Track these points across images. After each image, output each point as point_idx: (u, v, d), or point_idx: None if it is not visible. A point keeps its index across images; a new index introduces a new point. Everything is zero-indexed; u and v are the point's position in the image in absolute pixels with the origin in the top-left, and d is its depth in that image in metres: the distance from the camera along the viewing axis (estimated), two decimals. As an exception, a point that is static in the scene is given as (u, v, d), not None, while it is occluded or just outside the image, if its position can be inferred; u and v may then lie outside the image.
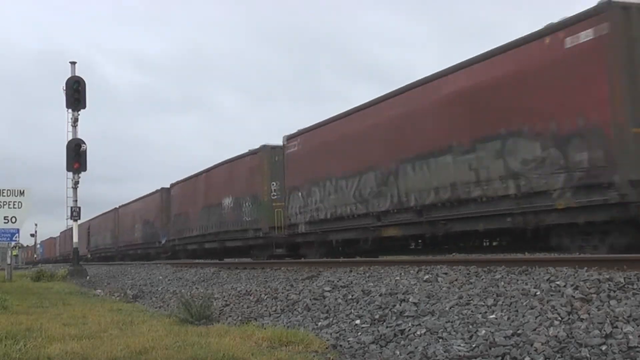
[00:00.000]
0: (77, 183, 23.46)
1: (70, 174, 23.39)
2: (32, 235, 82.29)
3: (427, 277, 8.22)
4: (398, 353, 5.27)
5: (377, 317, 6.51)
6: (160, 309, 10.00)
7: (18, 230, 20.11)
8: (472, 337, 5.18)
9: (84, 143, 23.07)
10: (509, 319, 5.46)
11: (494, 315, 5.67)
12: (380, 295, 7.30)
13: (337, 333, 6.31)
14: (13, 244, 21.66)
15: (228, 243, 24.44)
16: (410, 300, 6.73)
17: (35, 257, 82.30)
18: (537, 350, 4.57)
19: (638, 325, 4.68)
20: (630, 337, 4.47)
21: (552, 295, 5.84)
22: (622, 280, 5.90)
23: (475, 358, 4.74)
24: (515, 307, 5.77)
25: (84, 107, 23.20)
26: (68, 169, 23.24)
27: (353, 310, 7.05)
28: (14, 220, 19.53)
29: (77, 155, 22.96)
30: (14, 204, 19.42)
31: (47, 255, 75.72)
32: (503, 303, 5.99)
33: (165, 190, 33.19)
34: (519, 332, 5.00)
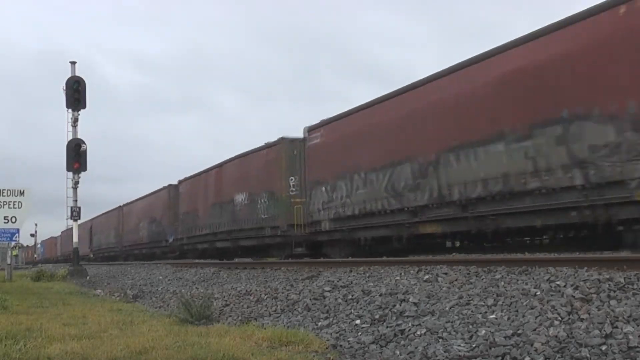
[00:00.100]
0: (77, 183, 23.46)
1: (70, 174, 23.40)
2: (32, 235, 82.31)
3: (427, 277, 8.23)
4: (398, 353, 5.27)
5: (377, 317, 6.51)
6: (160, 309, 10.00)
7: (18, 230, 20.10)
8: (472, 337, 5.18)
9: (84, 143, 23.08)
10: (509, 319, 5.46)
11: (494, 315, 5.67)
12: (380, 295, 7.30)
13: (337, 333, 6.31)
14: (13, 244, 21.65)
15: (242, 242, 23.32)
16: (410, 300, 6.74)
17: (35, 257, 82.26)
18: (537, 350, 4.57)
19: (638, 325, 4.68)
20: (630, 337, 4.47)
21: (552, 295, 5.84)
22: (622, 280, 5.90)
23: (475, 358, 4.74)
24: (515, 307, 5.77)
25: (84, 107, 23.21)
26: (68, 169, 23.25)
27: (353, 310, 7.05)
28: (14, 220, 19.52)
29: (77, 155, 22.96)
30: (14, 204, 19.41)
31: (47, 255, 74.96)
32: (503, 303, 5.99)
33: (173, 187, 31.97)
34: (519, 332, 5.00)
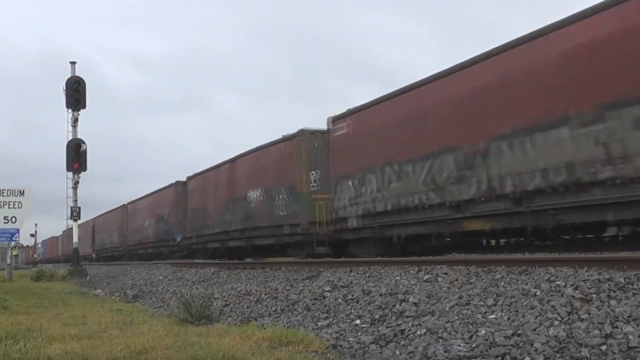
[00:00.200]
0: (77, 183, 23.47)
1: (70, 174, 23.41)
2: (32, 235, 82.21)
3: (427, 277, 8.23)
4: (398, 353, 5.27)
5: (377, 317, 6.51)
6: (160, 309, 10.00)
7: (18, 230, 20.11)
8: (472, 337, 5.18)
9: (84, 143, 23.09)
10: (509, 319, 5.46)
11: (494, 315, 5.67)
12: (380, 295, 7.30)
13: (337, 333, 6.31)
14: (13, 244, 21.65)
15: (257, 241, 22.09)
16: (410, 300, 6.74)
17: (35, 257, 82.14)
18: (537, 350, 4.57)
19: (638, 325, 4.68)
20: (630, 337, 4.47)
21: (552, 295, 5.84)
22: (622, 280, 5.90)
23: (475, 358, 4.74)
24: (515, 307, 5.77)
25: (84, 107, 23.22)
26: (68, 169, 23.25)
27: (353, 310, 7.05)
28: (14, 220, 19.52)
29: (77, 155, 22.96)
30: (14, 204, 19.41)
31: (48, 255, 74.24)
32: (503, 303, 5.99)
33: (181, 184, 30.78)
34: (519, 332, 5.00)
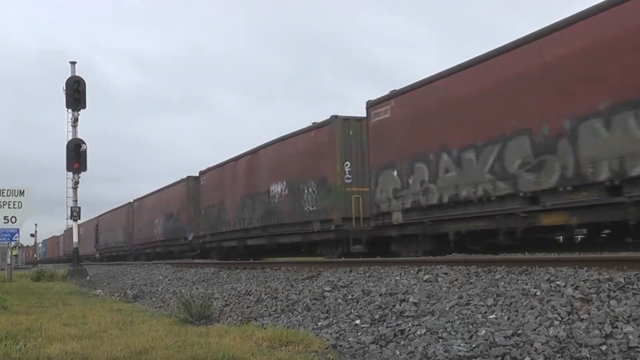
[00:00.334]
0: (77, 183, 23.48)
1: (70, 174, 23.43)
2: (32, 235, 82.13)
3: (427, 277, 8.23)
4: (398, 353, 5.27)
5: (377, 317, 6.51)
6: (160, 309, 10.00)
7: (18, 230, 20.13)
8: (472, 337, 5.19)
9: (84, 143, 23.10)
10: (509, 319, 5.46)
11: (494, 315, 5.67)
12: (380, 295, 7.30)
13: (337, 333, 6.31)
14: (13, 244, 21.67)
15: (281, 239, 20.32)
16: (410, 300, 6.74)
17: (35, 257, 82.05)
18: (537, 350, 4.57)
19: (638, 325, 4.68)
20: (630, 337, 4.47)
21: (552, 295, 5.84)
22: (622, 280, 5.90)
23: (475, 358, 4.74)
24: (515, 307, 5.77)
25: (84, 107, 23.24)
26: (68, 169, 23.27)
27: (353, 310, 7.05)
28: (14, 220, 19.54)
29: (77, 155, 22.97)
30: (14, 204, 19.43)
31: (50, 255, 73.18)
32: (503, 303, 5.99)
33: (193, 179, 29.05)
34: (519, 332, 5.00)
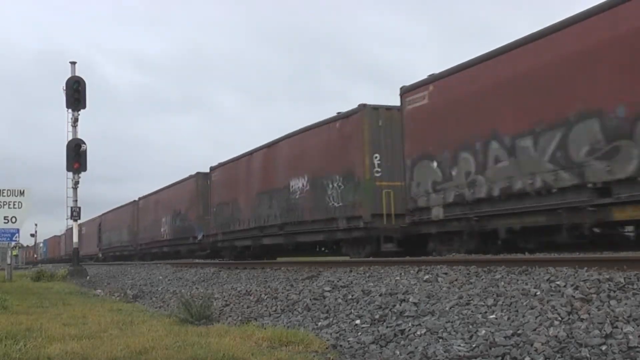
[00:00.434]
0: (77, 183, 23.48)
1: (70, 174, 23.42)
2: (32, 235, 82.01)
3: (427, 277, 8.23)
4: (398, 353, 5.27)
5: (377, 317, 6.51)
6: (160, 309, 10.00)
7: (18, 230, 20.13)
8: (472, 337, 5.19)
9: (84, 143, 23.10)
10: (509, 319, 5.46)
11: (494, 315, 5.67)
12: (380, 295, 7.30)
13: (337, 333, 6.31)
14: (13, 244, 21.67)
15: (300, 237, 19.02)
16: (410, 300, 6.74)
17: (35, 256, 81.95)
18: (537, 350, 4.57)
19: (638, 325, 4.68)
20: (630, 337, 4.47)
21: (552, 295, 5.84)
22: (622, 280, 5.90)
23: (475, 358, 4.74)
24: (515, 307, 5.77)
25: (84, 107, 23.23)
26: (68, 169, 23.26)
27: (353, 310, 7.05)
28: (14, 220, 19.54)
29: (77, 155, 22.97)
30: (14, 204, 19.43)
31: (51, 255, 72.28)
32: (503, 303, 5.99)
33: (202, 176, 27.94)
34: (519, 332, 5.00)
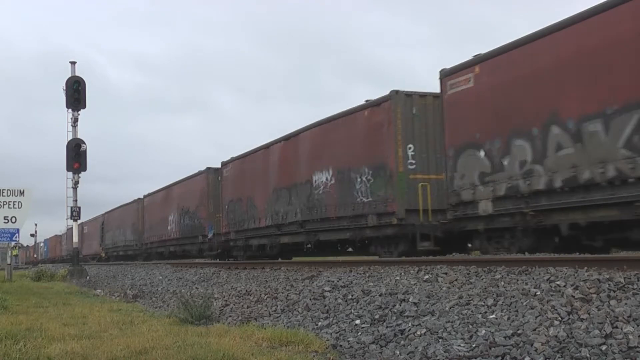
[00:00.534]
0: (77, 183, 23.48)
1: (70, 174, 23.42)
2: (32, 235, 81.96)
3: (427, 277, 8.22)
4: (398, 353, 5.27)
5: (377, 317, 6.52)
6: (160, 309, 10.00)
7: (18, 230, 20.15)
8: (472, 337, 5.19)
9: (84, 143, 23.11)
10: (509, 319, 5.46)
11: (494, 315, 5.67)
12: (380, 295, 7.30)
13: (337, 333, 6.32)
14: (13, 244, 21.68)
15: (324, 235, 17.77)
16: (410, 300, 6.74)
17: (35, 256, 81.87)
18: (537, 350, 4.57)
19: (638, 325, 4.68)
20: (630, 337, 4.47)
21: (552, 295, 5.84)
22: (622, 280, 5.90)
23: (475, 358, 4.74)
24: (515, 307, 5.77)
25: (84, 107, 23.25)
26: (68, 169, 23.27)
27: (353, 310, 7.05)
28: (14, 220, 19.57)
29: (77, 155, 22.98)
30: (14, 204, 19.46)
31: (51, 255, 70.91)
32: (503, 303, 5.99)
33: (213, 171, 26.62)
34: (519, 332, 5.00)
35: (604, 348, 4.40)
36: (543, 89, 11.15)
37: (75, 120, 23.16)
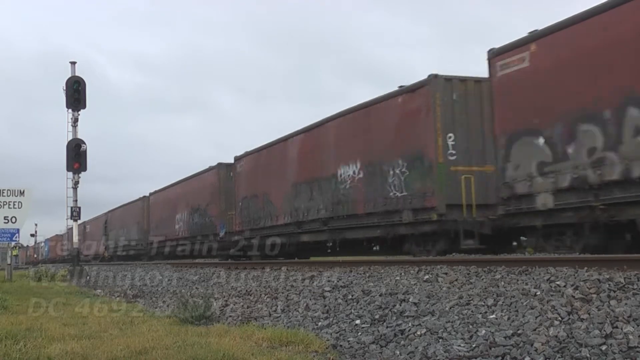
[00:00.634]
0: (77, 183, 23.45)
1: (70, 174, 23.37)
2: (32, 235, 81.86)
3: (427, 277, 8.23)
4: (398, 353, 5.27)
5: (377, 317, 6.52)
6: (160, 309, 10.00)
7: (18, 230, 20.15)
8: (472, 337, 5.19)
9: (84, 143, 23.07)
10: (509, 319, 5.46)
11: (494, 315, 5.67)
12: (381, 295, 7.30)
13: (337, 333, 6.32)
14: (13, 244, 21.68)
15: (350, 233, 16.55)
16: (411, 300, 6.74)
17: (35, 256, 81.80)
18: (537, 350, 4.58)
19: (638, 325, 4.68)
20: (630, 337, 4.47)
21: (552, 295, 5.84)
22: (622, 280, 5.90)
23: (475, 358, 4.74)
24: (515, 307, 5.77)
25: (84, 107, 23.21)
26: (68, 169, 23.23)
27: (353, 310, 7.05)
28: (14, 220, 19.57)
29: (77, 155, 22.95)
30: (14, 204, 19.46)
31: (52, 255, 69.93)
32: (503, 303, 5.99)
33: (225, 167, 25.55)
34: (519, 332, 5.00)
35: (604, 348, 4.41)
36: (617, 66, 9.86)
37: (75, 121, 23.14)
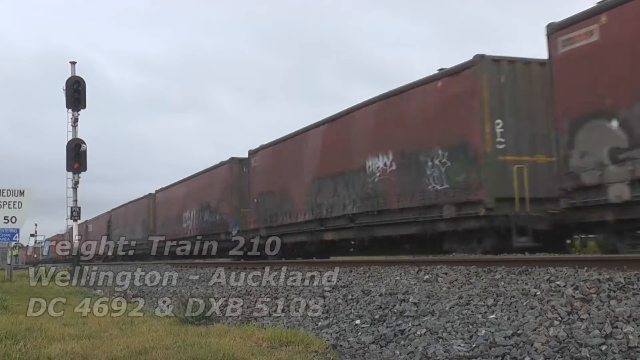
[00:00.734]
0: (77, 183, 23.47)
1: (70, 174, 23.40)
2: (32, 235, 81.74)
3: (427, 277, 8.23)
4: (398, 353, 5.27)
5: (377, 317, 6.51)
6: (160, 309, 9.99)
7: (18, 230, 20.14)
8: (472, 337, 5.19)
9: (84, 143, 23.10)
10: (509, 319, 5.46)
11: (494, 315, 5.67)
12: (380, 295, 7.30)
13: (337, 333, 6.32)
14: (13, 244, 21.67)
15: (382, 231, 15.18)
16: (410, 300, 6.73)
17: (36, 256, 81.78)
18: (537, 350, 4.57)
19: (638, 325, 4.68)
20: (630, 337, 4.47)
21: (552, 295, 5.84)
22: (622, 280, 5.90)
23: (475, 358, 4.74)
24: (515, 307, 5.77)
25: (84, 107, 23.24)
26: (68, 169, 23.25)
27: (353, 310, 7.05)
28: (14, 220, 19.55)
29: (77, 155, 22.97)
30: (14, 204, 19.45)
31: (53, 255, 68.84)
32: (503, 303, 5.99)
33: (238, 162, 24.23)
34: (519, 332, 5.00)
35: (604, 348, 4.40)
36: None
37: (75, 121, 23.16)
